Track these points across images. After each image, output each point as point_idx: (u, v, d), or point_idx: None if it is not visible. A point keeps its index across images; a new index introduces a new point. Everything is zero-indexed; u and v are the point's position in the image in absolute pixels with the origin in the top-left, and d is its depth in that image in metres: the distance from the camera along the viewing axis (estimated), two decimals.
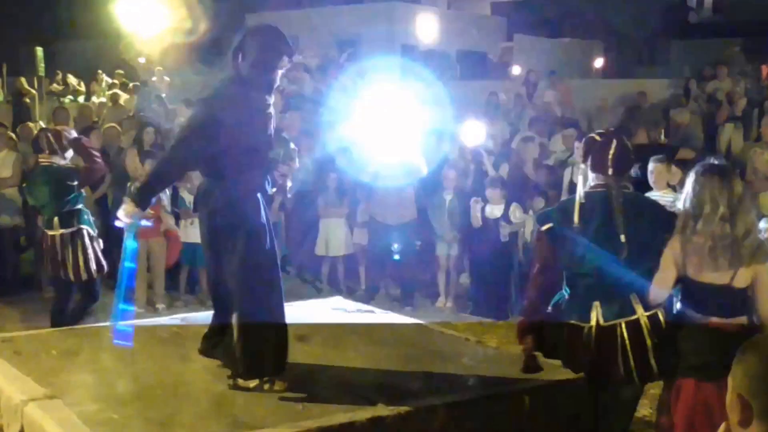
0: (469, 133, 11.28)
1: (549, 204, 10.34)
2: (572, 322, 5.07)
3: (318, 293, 11.27)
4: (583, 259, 5.04)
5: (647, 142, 11.13)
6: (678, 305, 5.05)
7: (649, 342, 4.94)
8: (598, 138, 5.22)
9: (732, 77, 16.37)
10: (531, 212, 10.42)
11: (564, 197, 10.26)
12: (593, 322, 4.98)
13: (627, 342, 4.92)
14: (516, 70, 23.07)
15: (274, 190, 6.40)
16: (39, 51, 22.91)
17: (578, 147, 10.27)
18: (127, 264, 5.77)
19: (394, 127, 10.95)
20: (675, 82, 18.65)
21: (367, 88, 17.47)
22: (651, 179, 7.90)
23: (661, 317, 5.02)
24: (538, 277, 5.32)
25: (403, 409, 5.37)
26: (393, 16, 29.39)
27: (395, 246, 10.91)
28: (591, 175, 5.17)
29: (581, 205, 5.08)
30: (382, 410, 5.32)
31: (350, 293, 11.09)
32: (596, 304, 4.99)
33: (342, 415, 5.24)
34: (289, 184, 7.77)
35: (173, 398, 5.63)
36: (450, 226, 11.01)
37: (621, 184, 5.12)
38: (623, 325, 4.94)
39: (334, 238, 11.60)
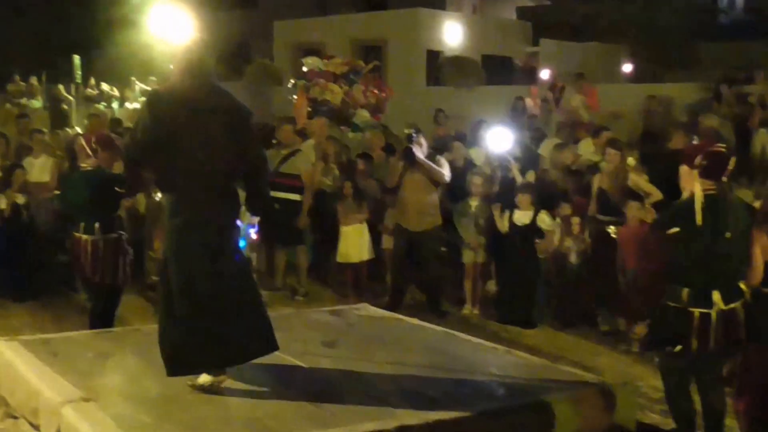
0: (495, 139, 11.28)
1: (576, 210, 10.36)
2: (695, 309, 5.99)
3: (343, 300, 11.32)
4: (705, 255, 5.99)
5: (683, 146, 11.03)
6: None
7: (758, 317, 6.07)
8: (722, 150, 6.24)
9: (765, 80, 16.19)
10: (558, 219, 10.41)
11: (592, 204, 10.31)
12: (716, 308, 5.96)
13: (741, 319, 6.04)
14: (542, 74, 23.05)
15: None
16: (76, 59, 23.21)
17: (611, 152, 10.38)
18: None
19: (419, 133, 10.99)
20: (705, 86, 18.50)
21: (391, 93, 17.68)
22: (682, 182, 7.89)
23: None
24: (659, 277, 6.49)
25: (431, 417, 5.41)
26: (418, 22, 29.38)
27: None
28: (700, 180, 6.05)
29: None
30: (410, 418, 5.36)
31: (376, 299, 11.05)
32: (716, 292, 5.97)
33: (369, 423, 5.29)
34: None
35: (204, 402, 5.73)
36: (476, 232, 10.99)
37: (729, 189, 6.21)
38: (738, 307, 6.03)
39: (355, 244, 11.61)
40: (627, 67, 27.21)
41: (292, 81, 17.89)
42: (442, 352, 7.16)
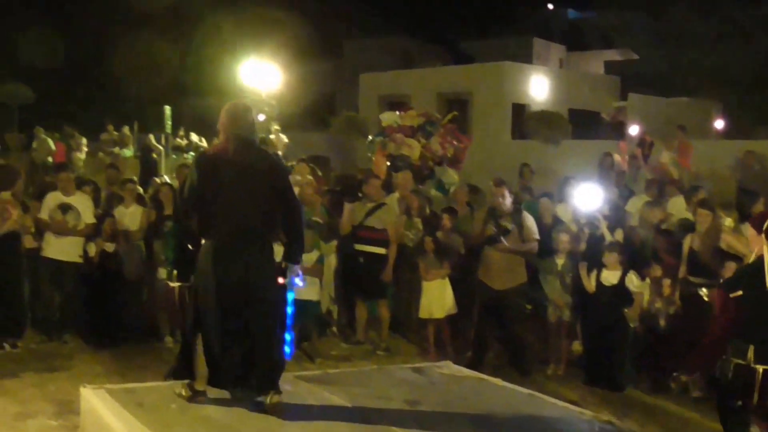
0: (583, 196, 11.14)
1: (666, 271, 10.13)
2: (759, 366, 6.16)
3: (424, 355, 11.28)
4: None
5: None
6: None
7: None
8: None
9: None
10: (648, 279, 10.19)
11: (683, 265, 10.09)
12: None
13: None
14: (631, 129, 22.82)
15: None
16: (167, 109, 23.75)
17: (702, 213, 10.19)
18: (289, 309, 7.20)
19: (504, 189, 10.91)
20: None
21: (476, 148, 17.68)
22: (750, 245, 7.83)
23: None
24: (723, 337, 6.50)
25: None
26: (504, 76, 29.41)
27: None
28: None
29: None
30: None
31: (458, 355, 10.95)
32: None
33: None
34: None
35: None
36: (562, 290, 10.83)
37: None
38: None
39: (437, 299, 11.48)
40: (719, 123, 26.79)
41: (370, 138, 18.00)
42: (526, 415, 7.06)
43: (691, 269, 10.03)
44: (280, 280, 7.00)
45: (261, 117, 23.39)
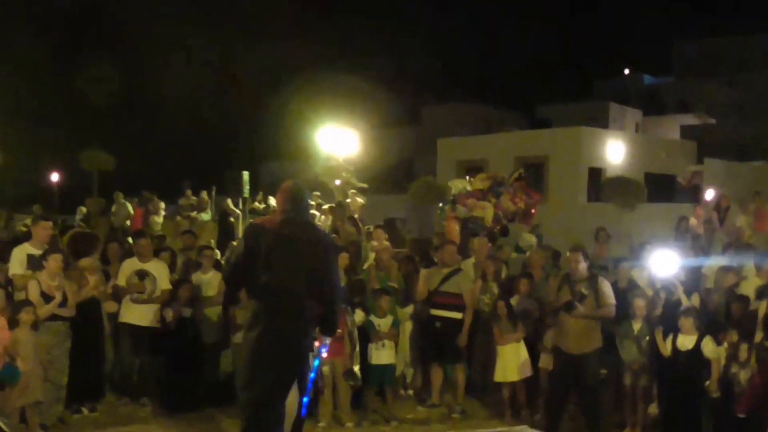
0: (659, 261, 11.15)
1: (743, 337, 10.06)
2: None
3: (500, 419, 11.35)
4: None
5: None
6: None
7: None
8: None
9: None
10: (725, 344, 10.13)
11: (759, 330, 10.01)
12: None
13: None
14: (706, 194, 22.69)
15: None
16: (245, 175, 24.10)
17: None
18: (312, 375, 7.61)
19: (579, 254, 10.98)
20: None
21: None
22: None
23: None
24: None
25: None
26: (580, 140, 29.48)
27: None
28: None
29: None
30: None
31: (533, 418, 11.07)
32: None
33: None
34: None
35: None
36: (638, 354, 10.81)
37: None
38: None
39: (512, 363, 11.52)
40: None
41: (441, 205, 18.20)
42: None
43: (767, 334, 9.95)
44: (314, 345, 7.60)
45: (337, 182, 23.71)
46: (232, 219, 24.54)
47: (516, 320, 11.61)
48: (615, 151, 29.92)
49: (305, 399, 7.53)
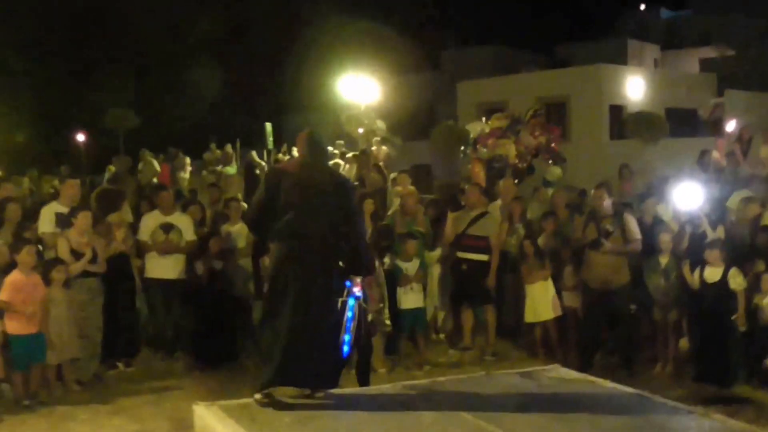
0: (683, 195, 11.16)
1: None
2: None
3: (533, 359, 11.38)
4: None
5: None
6: None
7: None
8: None
9: None
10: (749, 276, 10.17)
11: None
12: None
13: None
14: (728, 126, 22.57)
15: None
16: (268, 126, 24.15)
17: None
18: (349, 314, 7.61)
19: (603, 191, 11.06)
20: None
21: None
22: None
23: None
24: None
25: None
26: (600, 78, 29.35)
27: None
28: None
29: None
30: None
31: (566, 357, 11.11)
32: None
33: None
34: None
35: None
36: (666, 289, 10.89)
37: None
38: None
39: (542, 302, 11.63)
40: None
41: (462, 149, 18.25)
42: (637, 416, 7.03)
43: None
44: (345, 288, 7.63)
45: (360, 130, 23.74)
46: (257, 171, 24.60)
47: (543, 259, 11.70)
48: (635, 88, 29.79)
49: (346, 337, 7.55)
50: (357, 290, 7.77)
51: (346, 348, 7.60)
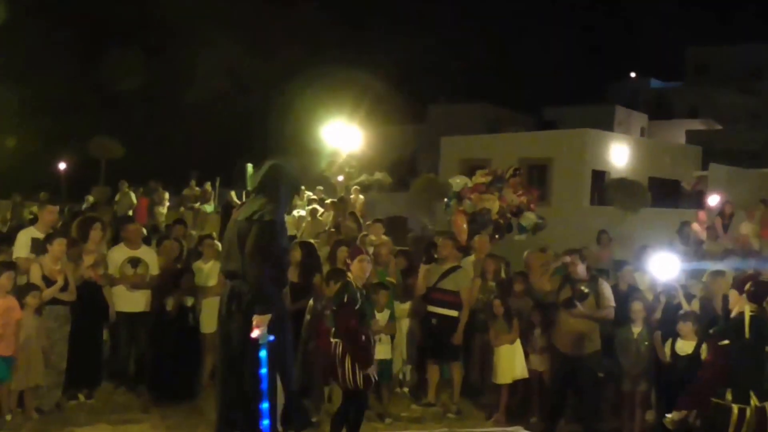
0: (660, 265, 11.06)
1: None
2: (735, 405, 7.38)
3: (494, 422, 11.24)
4: (750, 363, 7.44)
5: None
6: None
7: None
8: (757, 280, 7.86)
9: None
10: None
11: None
12: (751, 405, 7.37)
13: None
14: (710, 200, 22.58)
15: None
16: (249, 167, 24.06)
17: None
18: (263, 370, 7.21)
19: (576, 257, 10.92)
20: None
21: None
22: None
23: None
24: (711, 380, 7.65)
25: None
26: (585, 142, 29.39)
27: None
28: (748, 304, 7.64)
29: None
30: None
31: (527, 420, 11.03)
32: (752, 393, 7.41)
33: None
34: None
35: None
36: (637, 359, 10.74)
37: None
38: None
39: (508, 364, 11.45)
40: None
41: (446, 200, 18.20)
42: None
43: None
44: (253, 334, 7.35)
45: (340, 178, 23.68)
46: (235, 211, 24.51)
47: (512, 320, 11.53)
48: (619, 155, 29.83)
49: (264, 404, 7.32)
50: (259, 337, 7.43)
51: (265, 421, 7.36)
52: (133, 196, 27.10)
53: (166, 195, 28.19)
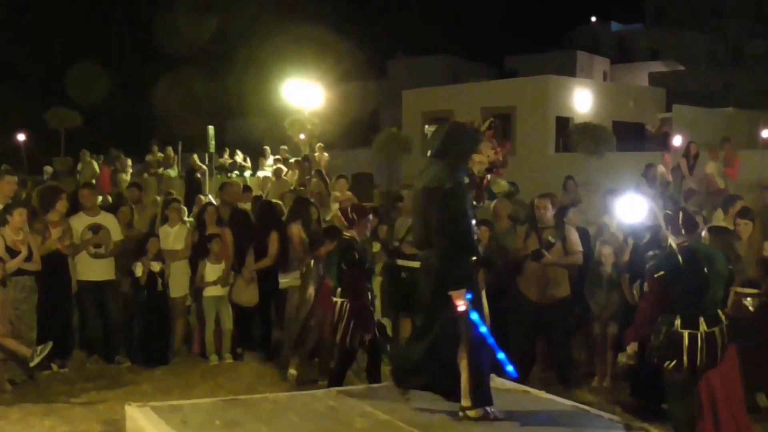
0: (627, 208, 11.01)
1: None
2: (684, 330, 7.48)
3: None
4: (689, 288, 7.55)
5: None
6: None
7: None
8: (682, 213, 7.99)
9: None
10: None
11: None
12: (700, 330, 7.46)
13: (720, 341, 7.52)
14: (675, 141, 22.65)
15: None
16: (211, 129, 23.95)
17: (741, 223, 10.03)
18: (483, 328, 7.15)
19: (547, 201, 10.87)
20: None
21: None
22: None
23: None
24: (649, 311, 7.85)
25: None
26: (547, 89, 29.37)
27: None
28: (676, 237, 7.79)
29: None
30: None
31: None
32: (701, 318, 7.49)
33: None
34: None
35: None
36: (607, 302, 10.72)
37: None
38: (717, 330, 7.52)
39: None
40: (766, 133, 26.29)
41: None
42: (573, 428, 7.00)
43: None
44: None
45: (302, 136, 23.52)
46: (198, 175, 24.39)
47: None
48: (583, 100, 29.84)
49: (499, 356, 7.39)
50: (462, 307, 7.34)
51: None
52: (95, 164, 26.87)
53: (129, 162, 27.98)
